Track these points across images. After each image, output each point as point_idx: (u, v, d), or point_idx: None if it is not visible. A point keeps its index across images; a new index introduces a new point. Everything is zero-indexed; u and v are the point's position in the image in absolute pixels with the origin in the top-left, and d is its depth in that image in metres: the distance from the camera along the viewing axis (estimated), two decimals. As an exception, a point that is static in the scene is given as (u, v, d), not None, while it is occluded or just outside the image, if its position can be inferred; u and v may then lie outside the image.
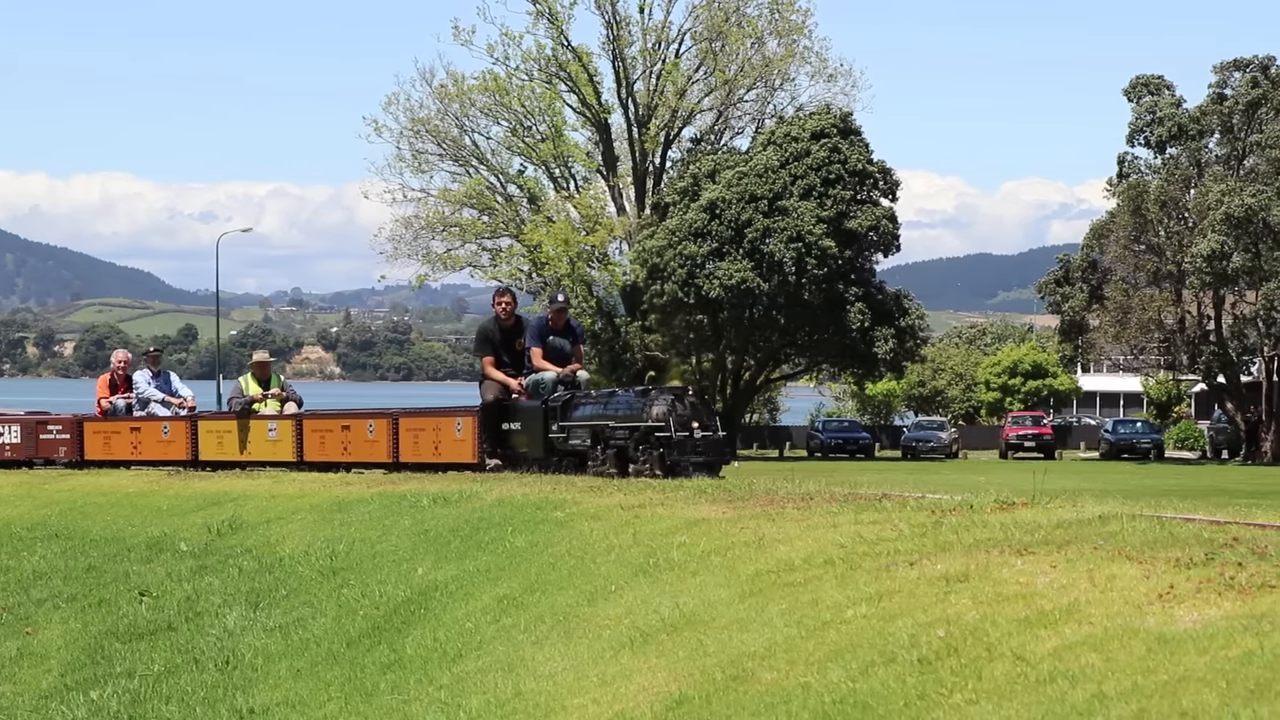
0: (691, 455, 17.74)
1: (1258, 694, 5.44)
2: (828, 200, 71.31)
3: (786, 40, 78.01)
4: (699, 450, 17.83)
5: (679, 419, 17.91)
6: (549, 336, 20.80)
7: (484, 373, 21.32)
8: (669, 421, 17.83)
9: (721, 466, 18.18)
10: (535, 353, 20.64)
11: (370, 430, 23.50)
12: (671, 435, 17.74)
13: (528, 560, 13.17)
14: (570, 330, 21.19)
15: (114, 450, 28.16)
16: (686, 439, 17.77)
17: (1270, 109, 71.23)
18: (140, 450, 27.57)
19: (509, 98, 76.34)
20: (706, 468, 17.71)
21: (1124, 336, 73.94)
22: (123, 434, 28.12)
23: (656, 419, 17.96)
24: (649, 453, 17.98)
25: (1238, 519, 10.02)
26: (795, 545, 10.59)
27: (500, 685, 9.89)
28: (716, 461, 18.09)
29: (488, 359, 21.24)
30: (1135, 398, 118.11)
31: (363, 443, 23.59)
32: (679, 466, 17.59)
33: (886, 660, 7.41)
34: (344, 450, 23.89)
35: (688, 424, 17.92)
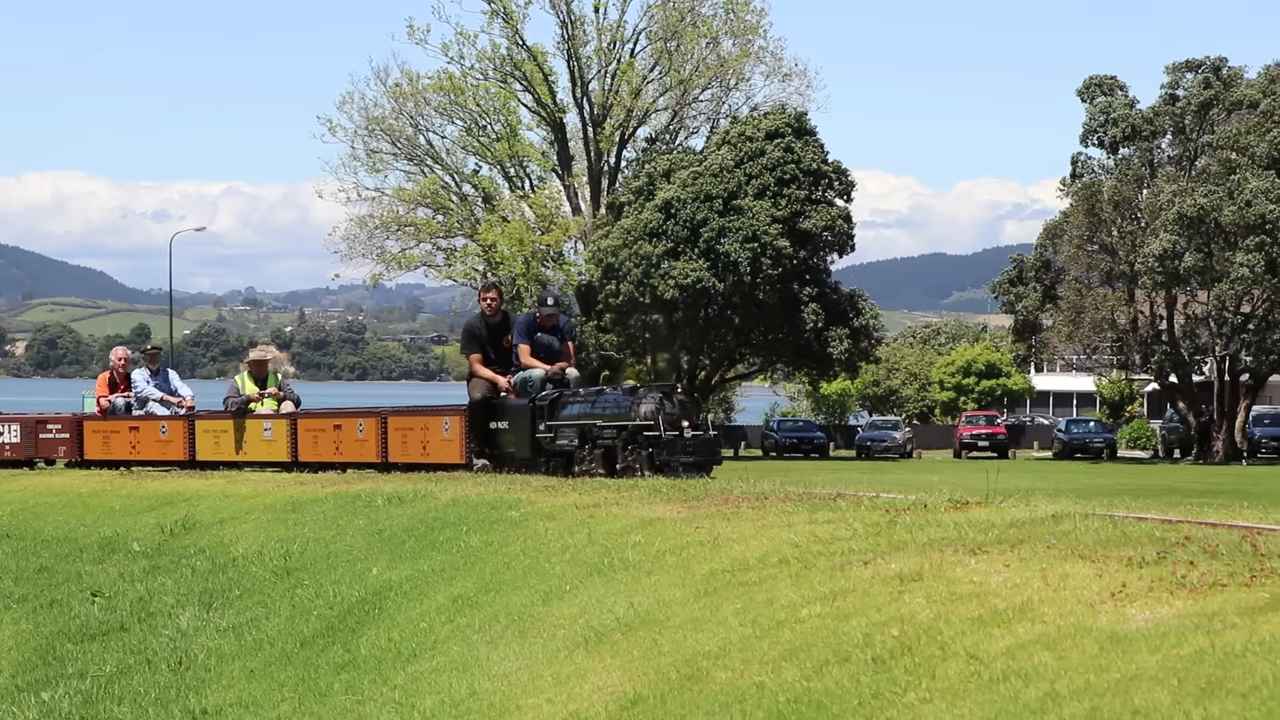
0: (681, 455, 17.25)
1: (1209, 692, 5.47)
2: (782, 200, 71.42)
3: (741, 40, 78.12)
4: (689, 450, 17.34)
5: (668, 418, 17.44)
6: (537, 333, 20.29)
7: (471, 370, 20.81)
8: (658, 420, 17.38)
9: (713, 466, 17.68)
10: (523, 349, 20.11)
11: (360, 429, 23.09)
12: (660, 434, 17.29)
13: (482, 560, 13.15)
14: (559, 328, 20.61)
15: (113, 450, 27.78)
16: (676, 438, 17.30)
17: (1222, 110, 71.61)
18: (139, 450, 27.23)
19: (464, 97, 76.24)
20: (697, 468, 17.22)
21: (1077, 336, 74.23)
22: (121, 434, 27.74)
23: (645, 418, 17.48)
24: (637, 452, 17.46)
25: (1189, 518, 10.06)
26: (750, 545, 10.59)
27: (455, 685, 9.87)
28: (707, 461, 17.60)
29: (475, 356, 20.67)
30: (1088, 397, 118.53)
31: (354, 442, 23.20)
32: (668, 467, 17.08)
33: (841, 659, 7.41)
34: (336, 450, 23.49)
35: (677, 423, 17.44)
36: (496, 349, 20.59)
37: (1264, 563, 7.40)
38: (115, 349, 30.23)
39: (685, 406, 17.84)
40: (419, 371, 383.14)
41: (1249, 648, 5.90)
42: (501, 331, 20.67)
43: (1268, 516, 10.31)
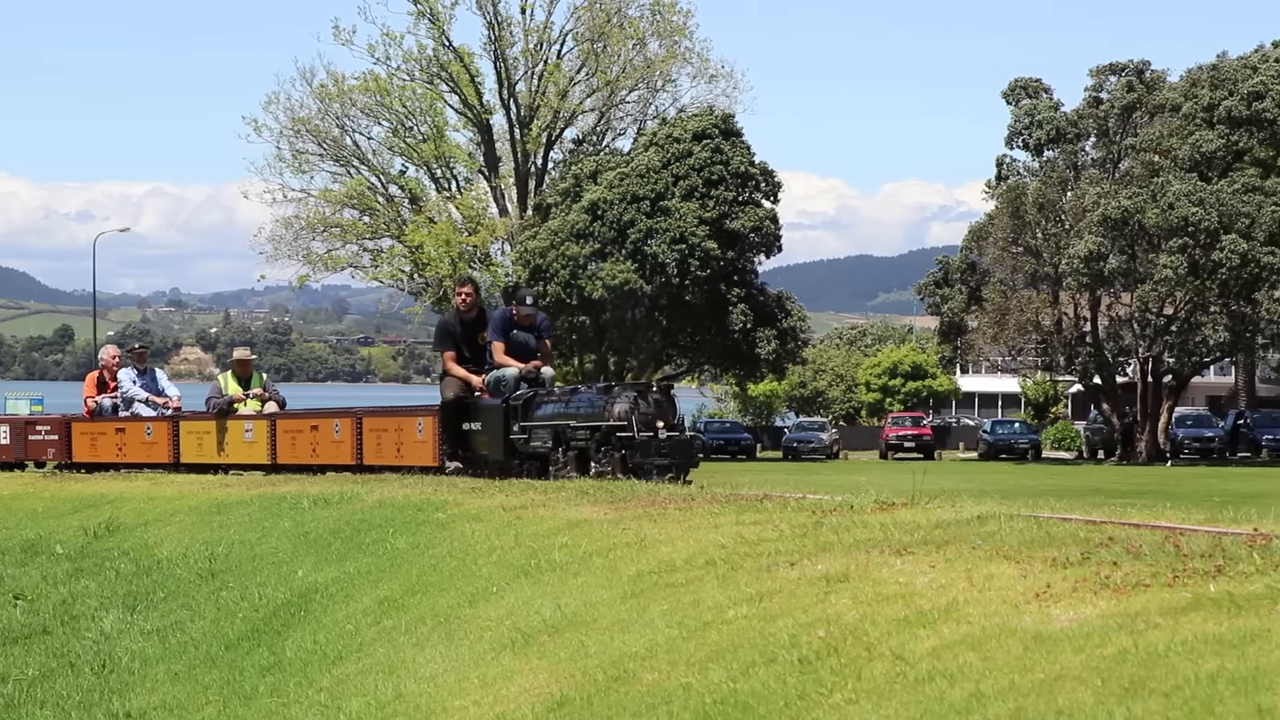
0: (655, 457, 16.55)
1: (1132, 692, 5.50)
2: (710, 201, 71.50)
3: (668, 41, 78.17)
4: (663, 451, 16.63)
5: (642, 418, 16.75)
6: (512, 330, 19.59)
7: (444, 368, 20.18)
8: (631, 421, 16.70)
9: (689, 469, 16.98)
10: (497, 347, 19.41)
11: (336, 430, 22.48)
12: (634, 435, 16.62)
13: (409, 562, 13.12)
14: (536, 325, 19.91)
15: (100, 452, 27.24)
16: (650, 440, 16.61)
17: (1145, 113, 72.08)
18: (125, 452, 26.62)
19: (390, 98, 76.02)
20: (671, 470, 16.56)
21: (1002, 338, 74.57)
22: (108, 435, 27.18)
23: (619, 418, 16.81)
24: (610, 454, 16.83)
25: (1113, 519, 10.12)
26: (677, 546, 10.60)
27: (381, 687, 9.84)
28: (683, 464, 16.87)
29: (448, 354, 20.00)
30: (1013, 398, 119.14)
31: (329, 444, 22.60)
32: (642, 469, 16.44)
33: (767, 660, 7.43)
34: (313, 452, 22.87)
35: (652, 423, 16.75)
36: (471, 347, 19.97)
37: (1186, 563, 7.45)
38: (106, 347, 29.50)
39: (661, 406, 17.09)
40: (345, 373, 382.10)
41: (1171, 648, 5.93)
42: (477, 328, 20.03)
43: (1190, 517, 10.38)
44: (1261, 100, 68.95)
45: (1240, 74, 70.30)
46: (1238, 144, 69.43)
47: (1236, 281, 67.05)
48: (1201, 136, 68.82)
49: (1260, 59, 71.83)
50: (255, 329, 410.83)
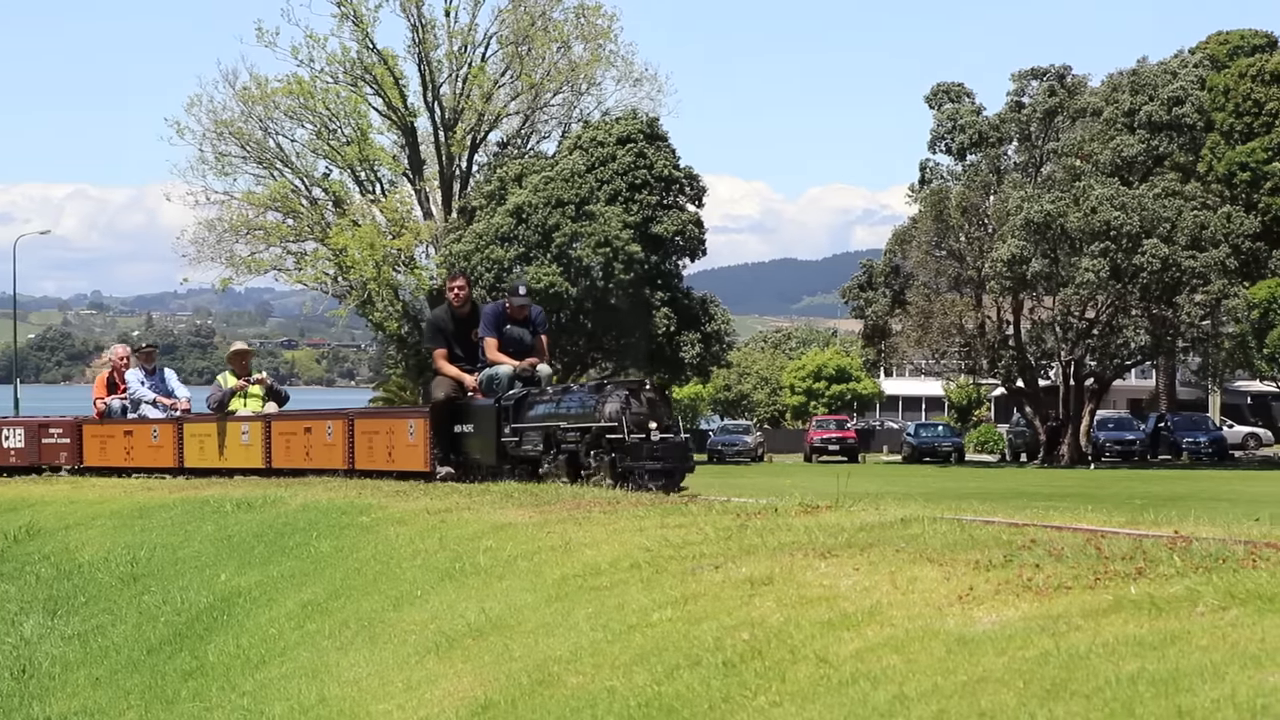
0: (647, 460, 15.48)
1: (1054, 694, 5.53)
2: (634, 205, 71.53)
3: (592, 45, 78.12)
4: (656, 454, 15.56)
5: (634, 418, 15.73)
6: (506, 325, 18.58)
7: (435, 367, 19.18)
8: (622, 421, 15.68)
9: (684, 474, 15.91)
10: (489, 343, 18.37)
11: (329, 433, 21.45)
12: (625, 437, 15.60)
13: (332, 565, 13.08)
14: (531, 320, 18.87)
15: (109, 455, 26.21)
16: (642, 442, 15.58)
17: (1066, 117, 72.61)
18: (133, 456, 25.64)
19: (313, 100, 75.68)
20: (664, 475, 15.47)
21: (926, 341, 74.95)
22: (117, 438, 26.13)
23: (609, 419, 15.78)
24: (601, 458, 15.84)
25: (1035, 521, 10.17)
26: (601, 549, 10.60)
27: (304, 692, 9.80)
28: (678, 468, 15.82)
29: (439, 352, 18.99)
30: (937, 401, 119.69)
31: (322, 447, 21.55)
32: (632, 474, 15.44)
33: (692, 663, 7.43)
34: (306, 455, 21.84)
35: (644, 424, 15.71)
36: (464, 344, 18.95)
37: (1107, 565, 7.49)
38: (115, 346, 28.49)
39: (654, 405, 16.06)
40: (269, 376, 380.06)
41: (1093, 649, 5.97)
42: (470, 325, 19.02)
43: (1111, 520, 10.45)
44: (1181, 105, 69.56)
45: (1160, 79, 70.91)
46: (1158, 149, 70.03)
47: (1157, 285, 67.61)
48: (1122, 141, 69.37)
49: (1180, 64, 72.48)
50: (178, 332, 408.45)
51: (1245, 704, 4.88)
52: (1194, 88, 70.30)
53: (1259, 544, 7.99)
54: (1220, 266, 66.37)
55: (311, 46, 75.98)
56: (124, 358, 27.05)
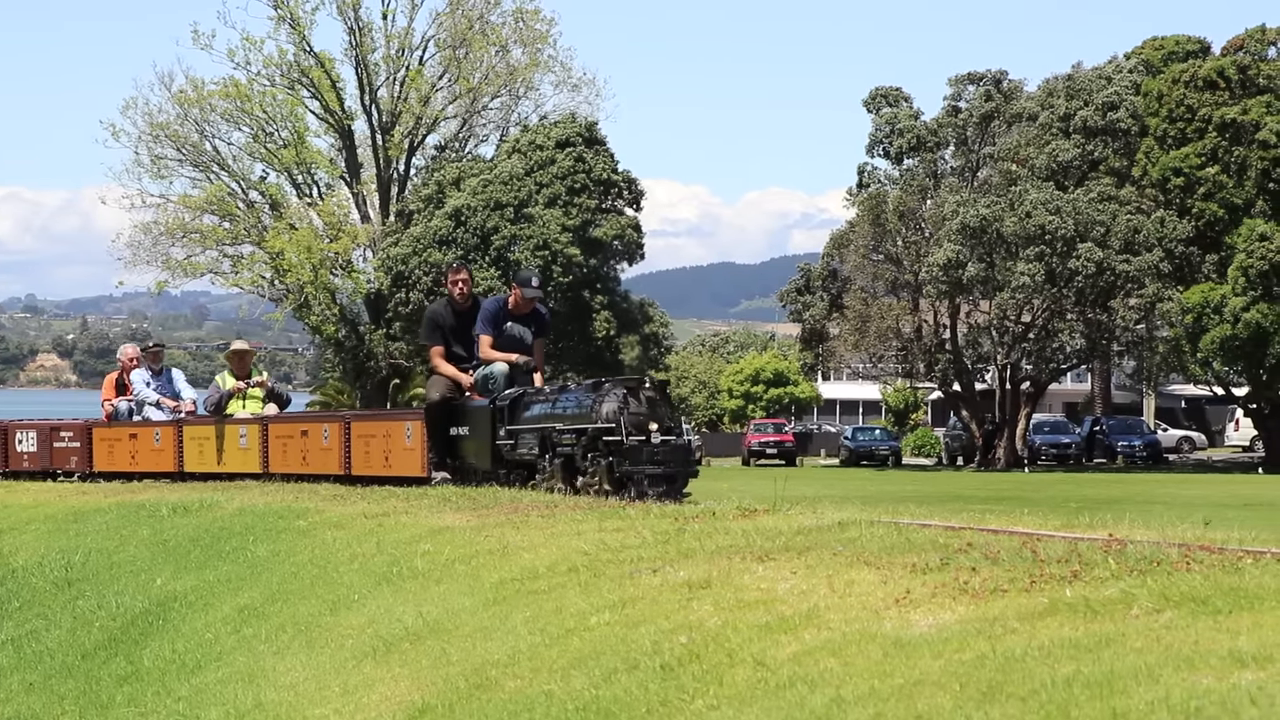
0: (646, 465, 14.36)
1: (989, 696, 5.55)
2: (573, 209, 71.53)
3: (531, 49, 78.08)
4: (656, 458, 14.44)
5: (632, 419, 14.60)
6: (506, 322, 17.32)
7: (431, 366, 18.14)
8: (620, 422, 14.55)
9: (687, 480, 14.79)
10: (484, 341, 17.22)
11: (325, 436, 20.49)
12: (623, 440, 14.47)
13: (269, 570, 13.03)
14: (536, 317, 17.70)
15: (116, 459, 25.17)
16: (641, 444, 14.45)
17: (1003, 122, 72.94)
18: (137, 460, 24.61)
19: (250, 103, 75.41)
20: (665, 480, 14.38)
21: (863, 345, 75.13)
22: (123, 442, 25.15)
23: (606, 420, 14.65)
24: (597, 462, 14.73)
25: (972, 524, 10.21)
26: (539, 553, 10.59)
27: (240, 696, 9.77)
28: (680, 473, 14.67)
29: (436, 349, 17.89)
30: (874, 405, 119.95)
31: (318, 451, 20.60)
32: (631, 479, 14.34)
33: (629, 667, 7.43)
34: (303, 460, 20.93)
35: (643, 425, 14.59)
36: (464, 341, 17.80)
37: (1043, 568, 7.53)
38: (124, 347, 27.23)
39: (654, 405, 14.95)
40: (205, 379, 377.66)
41: (1028, 652, 6.00)
42: (471, 321, 17.85)
43: (1047, 523, 10.50)
44: (1116, 110, 69.97)
45: (1095, 84, 71.32)
46: (1093, 153, 70.44)
47: (1092, 289, 67.98)
48: (1058, 146, 69.74)
49: (1114, 70, 72.91)
50: (113, 335, 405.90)
51: (1179, 706, 4.91)
52: (1129, 93, 70.70)
53: (1193, 547, 8.04)
54: (1154, 271, 66.76)
55: (248, 49, 75.77)
56: (133, 358, 26.06)
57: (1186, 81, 69.75)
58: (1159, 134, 69.62)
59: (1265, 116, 67.65)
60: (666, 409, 15.14)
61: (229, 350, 24.35)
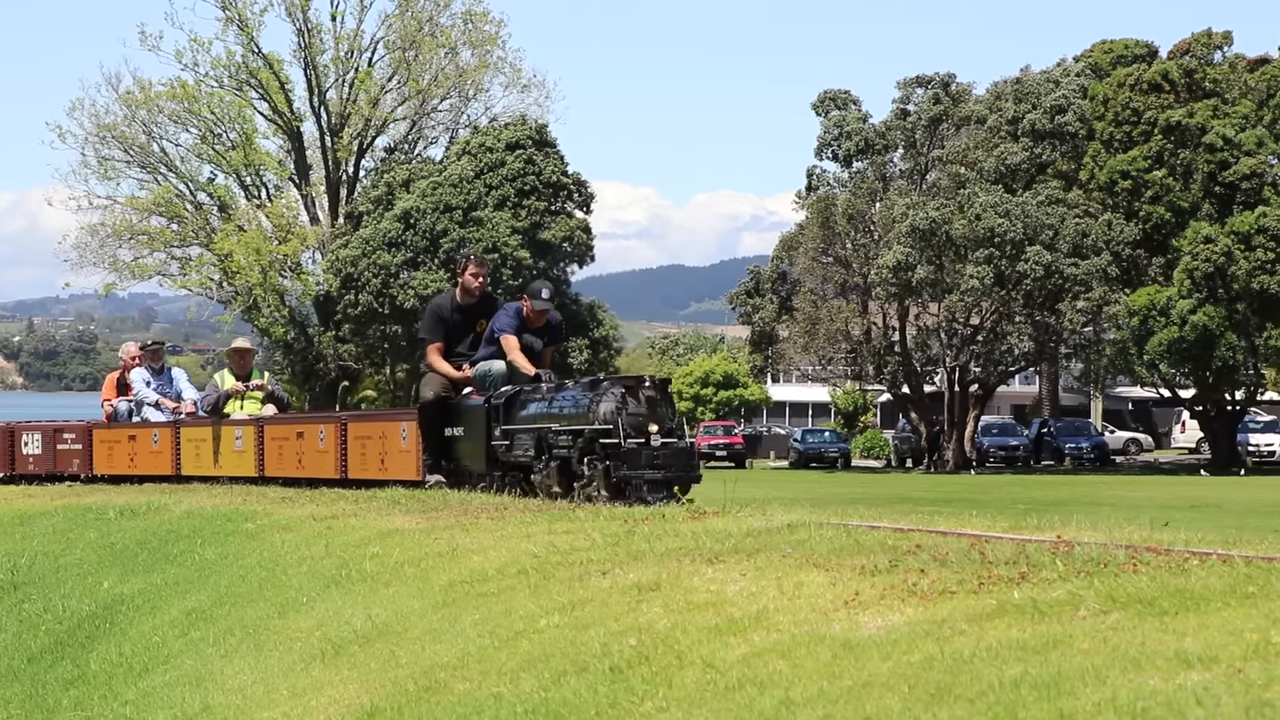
0: (646, 469, 13.41)
1: (938, 698, 5.57)
2: (523, 211, 71.49)
3: (480, 51, 78.04)
4: (656, 462, 13.48)
5: (631, 420, 13.66)
6: (523, 332, 16.23)
7: (427, 362, 16.99)
8: (618, 423, 13.61)
9: (689, 486, 13.79)
10: (512, 342, 15.96)
11: (321, 438, 19.65)
12: (621, 442, 13.51)
13: (217, 572, 12.99)
14: (549, 328, 16.64)
15: (115, 462, 24.26)
16: (640, 447, 13.50)
17: (951, 125, 73.19)
18: (136, 463, 23.71)
19: (198, 105, 75.19)
20: (665, 486, 13.44)
21: (812, 347, 75.27)
22: (123, 443, 24.23)
23: (603, 420, 13.73)
24: (594, 465, 13.78)
25: (920, 526, 10.23)
26: (489, 555, 10.58)
27: (188, 700, 9.73)
28: (681, 477, 13.69)
29: (434, 345, 16.75)
30: (823, 407, 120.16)
31: (315, 454, 19.78)
32: (629, 484, 13.41)
33: (579, 669, 7.43)
34: (299, 463, 20.15)
35: (643, 426, 13.63)
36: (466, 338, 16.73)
37: (991, 570, 7.55)
38: (125, 345, 26.30)
39: (654, 405, 13.98)
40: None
41: (976, 654, 6.01)
42: (478, 314, 16.90)
43: (995, 525, 10.53)
44: (1064, 114, 70.31)
45: (1043, 88, 71.64)
46: (1041, 156, 70.75)
47: (1040, 292, 68.29)
48: (1006, 149, 70.02)
49: (1062, 73, 73.24)
50: (60, 337, 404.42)
51: (1126, 707, 4.93)
52: (1076, 96, 71.04)
53: (1140, 548, 8.07)
54: (1102, 274, 67.09)
55: (196, 50, 75.59)
56: (134, 357, 25.06)
57: (1133, 85, 70.15)
58: (1106, 137, 69.99)
59: (1211, 120, 68.10)
60: (667, 409, 14.16)
61: (229, 348, 23.55)
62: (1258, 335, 66.45)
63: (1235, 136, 67.69)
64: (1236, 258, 64.60)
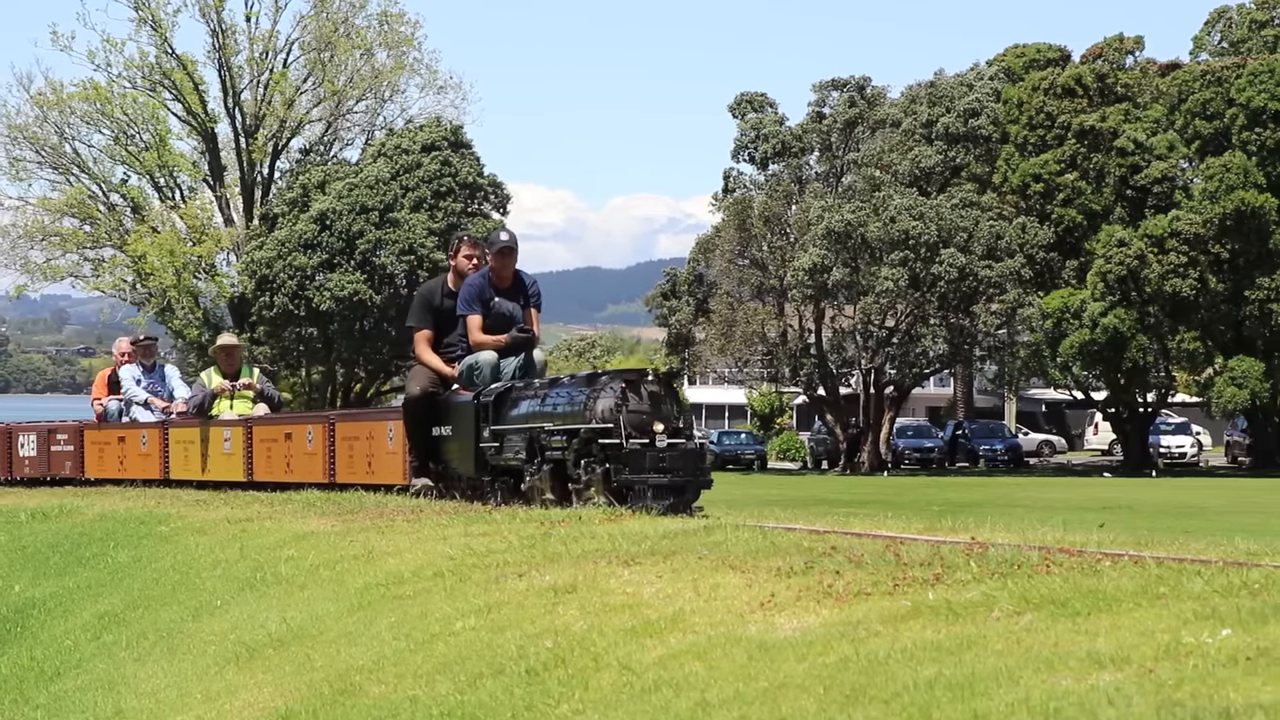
0: (650, 473, 12.06)
1: (853, 699, 5.58)
2: (439, 212, 71.29)
3: (396, 52, 77.81)
4: (662, 465, 12.11)
5: (632, 418, 12.32)
6: (492, 299, 14.80)
7: (414, 354, 15.58)
8: (618, 422, 12.27)
9: (699, 491, 12.42)
10: (473, 322, 14.67)
11: (309, 439, 18.58)
12: (622, 443, 12.18)
13: (130, 576, 12.91)
14: (520, 287, 15.02)
15: (106, 465, 23.12)
16: (644, 449, 12.16)
17: (866, 128, 73.45)
18: (125, 466, 22.54)
19: (111, 106, 74.62)
20: (672, 492, 12.08)
21: (729, 349, 75.34)
22: (113, 445, 23.04)
23: (602, 418, 12.42)
24: (592, 469, 12.49)
25: (836, 528, 10.27)
26: (405, 558, 10.56)
27: (100, 704, 9.67)
28: (691, 483, 12.30)
29: (422, 334, 15.33)
30: (740, 409, 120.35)
31: (302, 456, 18.69)
32: (632, 490, 12.10)
33: (495, 672, 7.42)
34: (287, 466, 19.00)
35: (646, 425, 12.29)
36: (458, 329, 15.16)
37: (906, 571, 7.58)
38: (118, 341, 24.74)
39: (659, 401, 12.61)
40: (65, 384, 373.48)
41: (891, 655, 6.04)
42: None
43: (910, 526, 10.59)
44: (977, 117, 70.71)
45: (957, 91, 72.03)
46: (955, 160, 71.12)
47: (955, 294, 68.65)
48: (921, 152, 70.35)
49: (975, 77, 73.65)
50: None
51: (1039, 707, 4.96)
52: (990, 100, 71.47)
53: (1053, 550, 8.13)
54: (1015, 276, 67.51)
55: (109, 51, 75.03)
56: (125, 353, 23.66)
57: (1046, 89, 70.64)
58: (1019, 141, 70.46)
59: (1123, 124, 68.68)
60: (673, 406, 12.78)
61: (216, 345, 22.30)
62: (1169, 338, 66.98)
63: (1147, 141, 68.30)
64: (1149, 261, 65.12)
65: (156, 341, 24.81)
